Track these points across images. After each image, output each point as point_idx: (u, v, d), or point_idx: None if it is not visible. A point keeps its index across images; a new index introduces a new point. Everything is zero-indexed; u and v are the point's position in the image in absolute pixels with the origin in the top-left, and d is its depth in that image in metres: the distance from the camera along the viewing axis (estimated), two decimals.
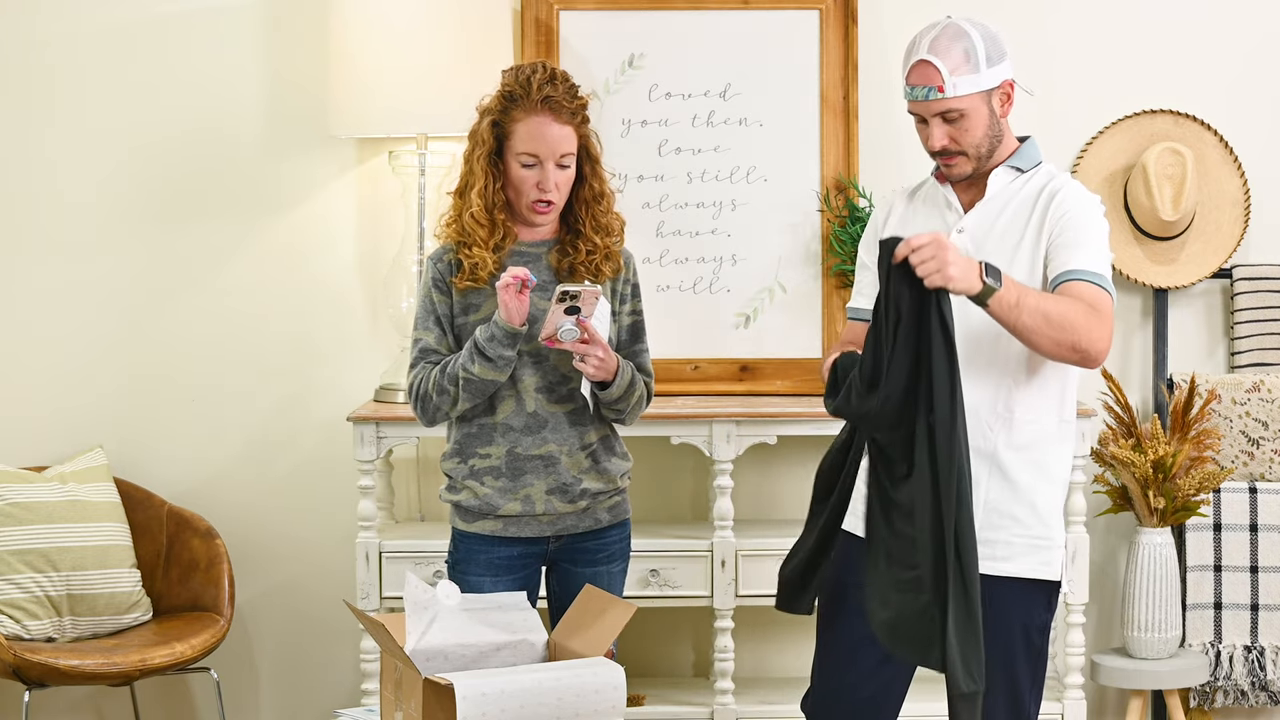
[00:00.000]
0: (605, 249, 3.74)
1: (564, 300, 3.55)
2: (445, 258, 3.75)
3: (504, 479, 3.73)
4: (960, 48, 3.43)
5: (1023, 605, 3.47)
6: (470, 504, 3.75)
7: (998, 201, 3.50)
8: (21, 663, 4.36)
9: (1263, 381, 4.86)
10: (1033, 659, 3.50)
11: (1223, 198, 4.97)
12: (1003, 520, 3.45)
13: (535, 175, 3.67)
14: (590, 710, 2.95)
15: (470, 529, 3.77)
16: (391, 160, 4.79)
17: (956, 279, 3.23)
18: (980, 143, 3.47)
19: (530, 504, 3.73)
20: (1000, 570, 3.45)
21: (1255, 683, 4.84)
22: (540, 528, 3.75)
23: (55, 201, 4.98)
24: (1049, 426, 3.48)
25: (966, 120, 3.45)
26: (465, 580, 3.75)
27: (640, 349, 3.83)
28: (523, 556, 3.77)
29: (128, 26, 4.95)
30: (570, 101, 3.67)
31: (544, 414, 3.72)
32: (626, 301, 3.81)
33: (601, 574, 3.80)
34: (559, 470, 3.73)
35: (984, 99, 3.45)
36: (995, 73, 3.45)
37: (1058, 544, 3.49)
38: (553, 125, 3.65)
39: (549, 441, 3.72)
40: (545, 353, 3.69)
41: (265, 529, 5.02)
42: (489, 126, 3.69)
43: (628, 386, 3.71)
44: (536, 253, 3.75)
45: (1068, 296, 3.35)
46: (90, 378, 5.00)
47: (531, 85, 3.65)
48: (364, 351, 4.98)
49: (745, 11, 4.86)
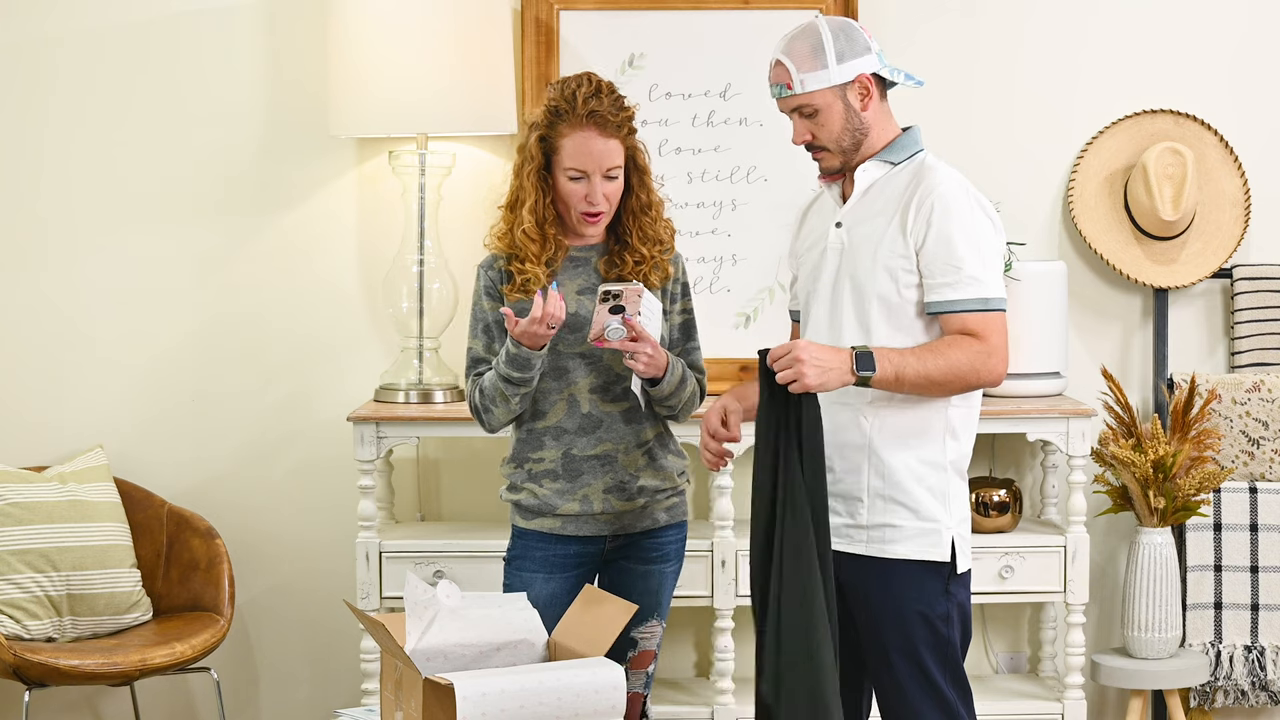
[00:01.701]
0: (653, 259, 3.77)
1: (607, 300, 3.57)
2: (496, 265, 3.79)
3: (561, 480, 3.76)
4: (808, 45, 3.51)
5: (915, 590, 3.50)
6: (529, 503, 3.79)
7: (870, 194, 3.56)
8: (21, 663, 4.36)
9: (1263, 381, 4.86)
10: (939, 647, 3.52)
11: (1223, 198, 4.97)
12: (888, 505, 3.50)
13: (583, 189, 3.69)
14: (590, 710, 2.95)
15: (529, 526, 3.81)
16: (391, 160, 4.79)
17: (816, 385, 3.36)
18: (839, 137, 3.53)
19: (589, 503, 3.76)
20: (889, 553, 3.50)
21: (1255, 683, 4.84)
22: (598, 526, 3.78)
23: (55, 201, 4.98)
24: (928, 412, 3.51)
25: (821, 116, 3.52)
26: (519, 576, 3.79)
27: (692, 346, 3.88)
28: (579, 555, 3.80)
29: (128, 27, 4.95)
30: (616, 114, 3.69)
31: (598, 414, 3.75)
32: (677, 300, 3.85)
33: (654, 573, 3.83)
34: (616, 469, 3.76)
35: (837, 94, 3.51)
36: (847, 68, 3.50)
37: (946, 527, 3.51)
38: (598, 139, 3.67)
39: (605, 441, 3.75)
40: (598, 353, 3.72)
41: (265, 529, 5.02)
42: (536, 142, 3.71)
43: (679, 383, 3.75)
44: (585, 257, 3.79)
45: (948, 340, 3.42)
46: (90, 378, 5.00)
47: (577, 100, 3.67)
48: (364, 351, 4.98)
49: (745, 11, 4.86)
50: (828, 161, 3.57)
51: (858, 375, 3.37)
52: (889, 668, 3.52)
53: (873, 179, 3.56)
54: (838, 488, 3.51)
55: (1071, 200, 4.96)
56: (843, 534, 3.52)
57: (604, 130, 3.67)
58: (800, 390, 3.36)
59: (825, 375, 3.36)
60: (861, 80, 3.51)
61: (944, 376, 3.40)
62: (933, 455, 3.52)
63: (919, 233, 3.46)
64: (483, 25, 4.65)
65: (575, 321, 3.72)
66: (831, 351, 3.38)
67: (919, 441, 3.50)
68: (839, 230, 3.56)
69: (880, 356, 3.38)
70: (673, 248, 3.84)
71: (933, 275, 3.45)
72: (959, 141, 4.80)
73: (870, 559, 3.51)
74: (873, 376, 3.37)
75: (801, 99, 3.52)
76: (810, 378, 3.34)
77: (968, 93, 4.97)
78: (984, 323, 3.44)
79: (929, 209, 3.46)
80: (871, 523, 3.51)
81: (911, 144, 3.58)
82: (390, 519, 4.88)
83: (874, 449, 3.50)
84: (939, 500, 3.51)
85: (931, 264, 3.45)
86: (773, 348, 3.42)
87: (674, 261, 3.84)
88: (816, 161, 3.59)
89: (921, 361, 3.39)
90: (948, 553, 3.50)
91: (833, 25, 3.53)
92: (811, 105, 3.52)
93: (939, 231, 3.45)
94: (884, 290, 3.48)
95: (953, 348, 3.41)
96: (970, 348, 3.41)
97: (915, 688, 3.51)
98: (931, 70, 4.69)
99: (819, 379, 3.35)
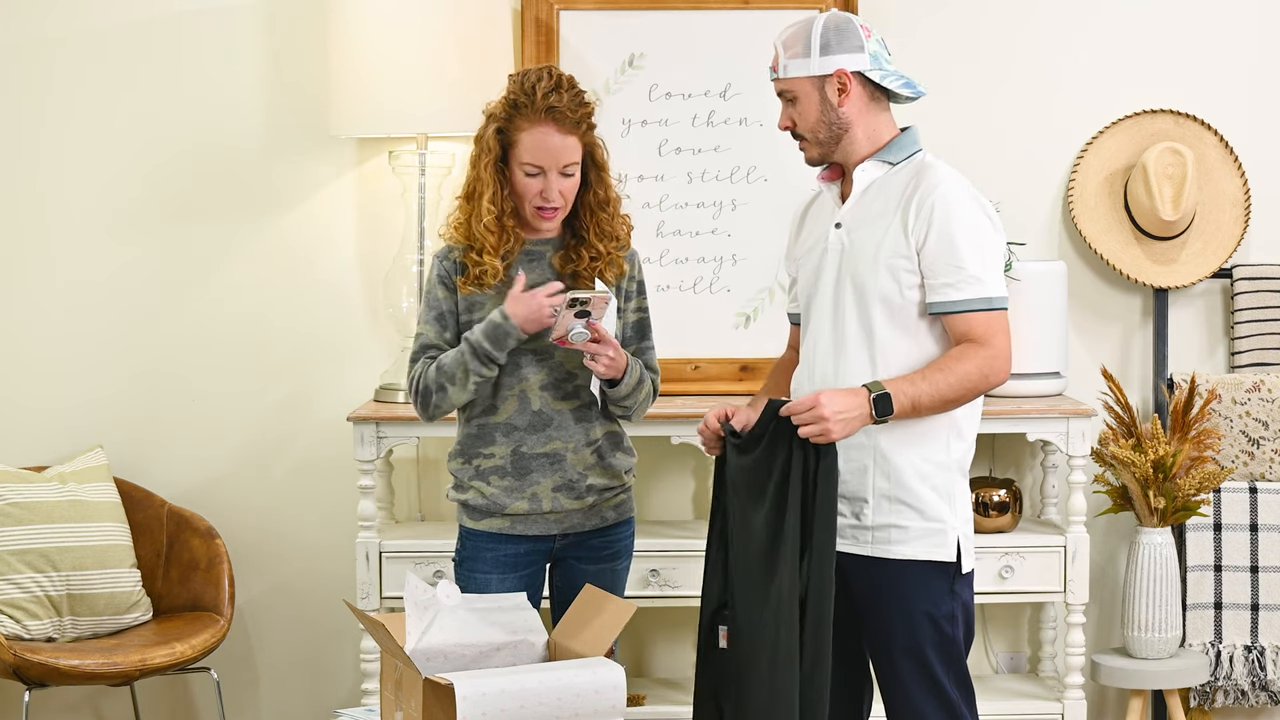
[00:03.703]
0: (609, 255, 3.74)
1: (574, 305, 3.56)
2: (451, 256, 3.76)
3: (510, 478, 3.74)
4: (798, 34, 3.55)
5: (921, 590, 3.50)
6: (477, 503, 3.76)
7: (869, 194, 3.56)
8: (21, 663, 4.36)
9: (1263, 381, 4.86)
10: (944, 647, 3.52)
11: (1223, 198, 4.97)
12: (894, 506, 3.50)
13: (539, 184, 3.67)
14: (590, 710, 2.95)
15: (477, 526, 3.78)
16: (391, 160, 4.79)
17: (841, 437, 3.38)
18: (815, 127, 3.55)
19: (537, 502, 3.73)
20: (895, 554, 3.50)
21: (1255, 683, 4.84)
22: (547, 525, 3.76)
23: (55, 202, 4.98)
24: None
25: (800, 104, 3.56)
26: (472, 578, 3.76)
27: (646, 346, 3.84)
28: (529, 554, 3.77)
29: (128, 27, 4.95)
30: (575, 111, 3.66)
31: (549, 412, 3.73)
32: (631, 299, 3.82)
33: (606, 571, 3.81)
34: (565, 467, 3.74)
35: (815, 85, 3.54)
36: (828, 61, 3.52)
37: (951, 527, 3.51)
38: (556, 135, 3.65)
39: (555, 439, 3.73)
40: (551, 350, 3.70)
41: (265, 529, 5.02)
42: (494, 134, 3.68)
43: (636, 384, 3.73)
44: (541, 251, 3.76)
45: (954, 354, 3.43)
46: (90, 378, 5.00)
47: (536, 94, 3.64)
48: (364, 351, 4.98)
49: (745, 11, 4.86)
50: (808, 152, 3.60)
51: (876, 419, 3.39)
52: (893, 668, 3.52)
53: (871, 179, 3.56)
54: (842, 489, 3.51)
55: (1071, 200, 4.96)
56: (847, 535, 3.52)
57: (562, 126, 3.65)
58: (825, 443, 3.38)
59: (849, 425, 3.38)
60: (840, 75, 3.52)
61: (957, 393, 3.42)
62: (938, 455, 3.52)
63: (920, 232, 3.46)
64: (483, 25, 4.65)
65: None
66: (849, 398, 3.38)
67: (925, 442, 3.50)
68: (839, 231, 3.57)
69: (896, 393, 3.39)
70: (629, 244, 3.81)
71: (934, 275, 3.45)
72: (959, 141, 4.80)
73: (876, 560, 3.51)
74: (892, 414, 3.39)
75: (783, 84, 3.57)
76: (835, 432, 3.37)
77: (968, 92, 4.97)
78: (987, 323, 3.44)
79: (930, 208, 3.46)
80: (877, 523, 3.50)
81: (910, 144, 3.59)
82: (390, 519, 4.88)
83: (880, 450, 3.50)
84: (945, 500, 3.51)
85: (933, 264, 3.45)
86: (791, 402, 3.43)
87: (629, 259, 3.81)
88: (801, 151, 3.62)
89: (933, 385, 3.40)
90: (953, 553, 3.51)
91: (830, 20, 3.54)
92: (791, 92, 3.56)
93: (940, 231, 3.45)
94: (886, 291, 3.48)
95: (960, 361, 3.42)
96: (976, 356, 3.42)
97: (919, 688, 3.51)
98: (931, 70, 4.69)
99: (844, 430, 3.38)
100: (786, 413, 3.40)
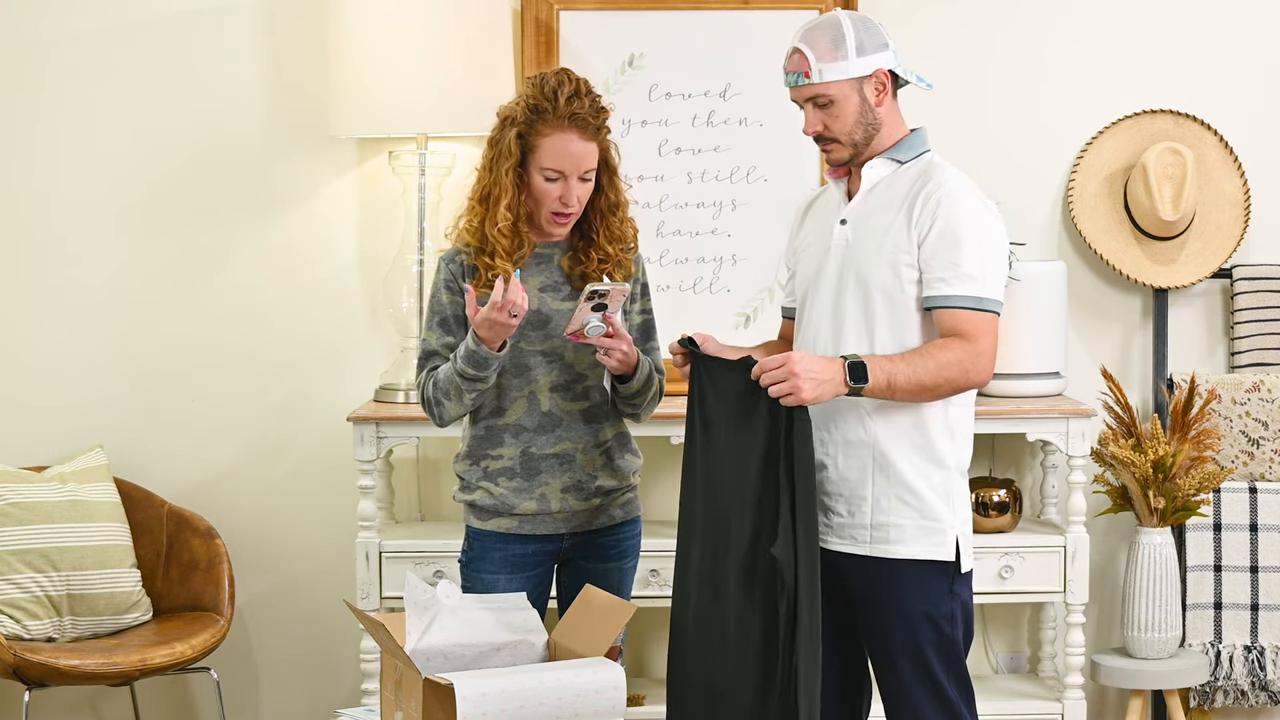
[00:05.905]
0: (617, 258, 3.74)
1: (592, 299, 3.55)
2: (459, 259, 3.74)
3: (518, 479, 3.74)
4: (829, 36, 3.51)
5: (920, 590, 3.50)
6: (485, 502, 3.76)
7: (876, 191, 3.56)
8: (21, 663, 4.36)
9: (1263, 381, 4.86)
10: (944, 647, 3.52)
11: (1223, 198, 4.97)
12: (893, 505, 3.49)
13: (558, 189, 3.66)
14: (590, 710, 2.95)
15: (485, 526, 3.78)
16: (391, 160, 4.79)
17: (812, 399, 3.34)
18: (852, 130, 3.53)
19: (546, 502, 3.74)
20: (894, 553, 3.50)
21: (1255, 683, 4.84)
22: (555, 525, 3.76)
23: (55, 201, 4.98)
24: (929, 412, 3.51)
25: (836, 107, 3.52)
26: (480, 578, 3.76)
27: (652, 347, 3.85)
28: (537, 554, 3.78)
29: (129, 27, 4.95)
30: (595, 117, 3.65)
31: (559, 413, 3.73)
32: (636, 300, 3.83)
33: (613, 570, 3.82)
34: (575, 468, 3.74)
35: (854, 86, 3.52)
36: (867, 61, 3.51)
37: (951, 526, 3.51)
38: (578, 142, 3.64)
39: (565, 440, 3.73)
40: (560, 352, 3.70)
41: (265, 529, 5.02)
42: (515, 139, 3.66)
43: (645, 381, 3.73)
44: (549, 254, 3.76)
45: (937, 343, 3.41)
46: (90, 378, 5.00)
47: (558, 100, 3.63)
48: (364, 351, 4.98)
49: (745, 11, 4.87)
50: (837, 153, 3.57)
51: (851, 386, 3.36)
52: (893, 668, 3.52)
53: (879, 176, 3.56)
54: (841, 487, 3.51)
55: (1071, 200, 4.96)
56: (845, 534, 3.52)
57: (584, 133, 3.64)
58: (794, 404, 3.35)
59: (820, 388, 3.34)
60: (879, 75, 3.52)
61: (934, 381, 3.39)
62: (938, 454, 3.51)
63: (923, 226, 3.45)
64: (483, 25, 4.66)
65: (537, 319, 3.69)
66: (824, 362, 3.37)
67: (924, 441, 3.50)
68: (843, 227, 3.56)
69: (873, 365, 3.37)
70: (636, 247, 3.82)
71: (931, 270, 3.45)
72: (959, 141, 4.79)
73: (874, 559, 3.51)
74: (866, 385, 3.36)
75: (818, 89, 3.51)
76: (806, 391, 3.33)
77: (967, 92, 4.97)
78: (974, 322, 3.42)
79: (935, 204, 3.46)
80: (876, 522, 3.50)
81: (919, 144, 3.59)
82: (390, 519, 4.88)
83: (879, 448, 3.50)
84: (944, 500, 3.51)
85: (931, 258, 3.45)
86: (761, 359, 3.40)
87: (635, 261, 3.81)
88: (826, 153, 3.59)
89: (911, 367, 3.38)
90: (953, 552, 3.50)
91: (854, 19, 3.53)
92: (827, 96, 3.51)
93: (943, 227, 3.44)
94: (886, 283, 3.47)
95: (941, 350, 3.40)
96: (958, 349, 3.40)
97: (919, 688, 3.50)
98: (931, 70, 4.69)
99: (814, 392, 3.34)
100: (757, 373, 3.37)
